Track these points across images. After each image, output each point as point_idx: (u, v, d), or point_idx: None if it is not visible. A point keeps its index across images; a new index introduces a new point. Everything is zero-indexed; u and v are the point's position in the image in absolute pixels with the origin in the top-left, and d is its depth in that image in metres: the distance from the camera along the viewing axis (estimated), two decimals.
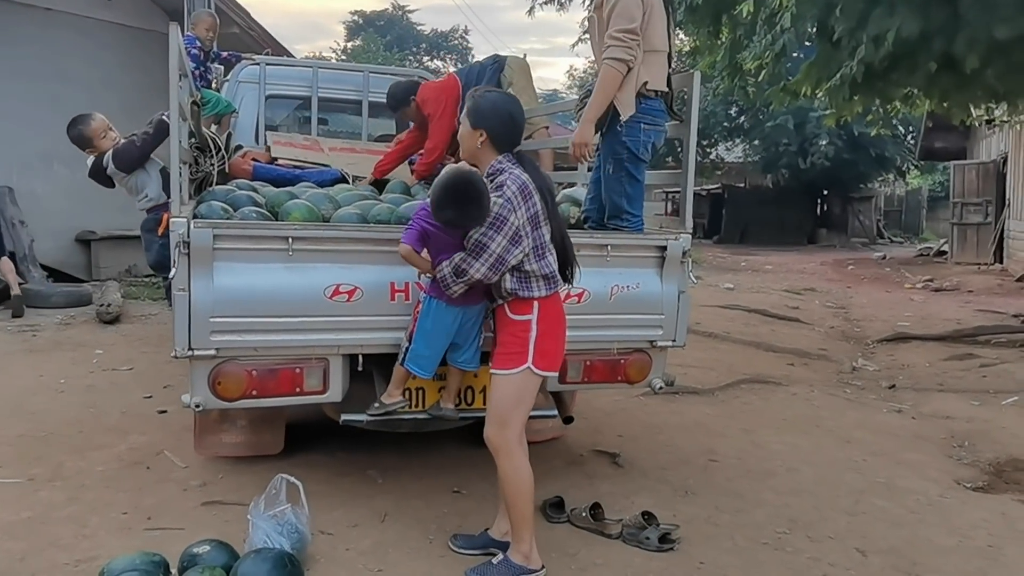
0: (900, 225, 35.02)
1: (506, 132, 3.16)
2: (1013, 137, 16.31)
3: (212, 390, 3.25)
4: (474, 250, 2.99)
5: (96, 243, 10.05)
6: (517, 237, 2.99)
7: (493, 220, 2.96)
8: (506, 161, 3.12)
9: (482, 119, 3.13)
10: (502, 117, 3.15)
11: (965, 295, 13.49)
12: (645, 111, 3.78)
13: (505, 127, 3.15)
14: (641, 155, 3.82)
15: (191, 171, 4.45)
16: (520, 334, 3.07)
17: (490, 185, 3.05)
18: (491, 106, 3.16)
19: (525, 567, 3.06)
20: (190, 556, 2.90)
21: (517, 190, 3.00)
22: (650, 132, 3.83)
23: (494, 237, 2.96)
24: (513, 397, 3.08)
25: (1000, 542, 3.64)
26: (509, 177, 3.03)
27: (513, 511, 3.10)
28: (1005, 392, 6.44)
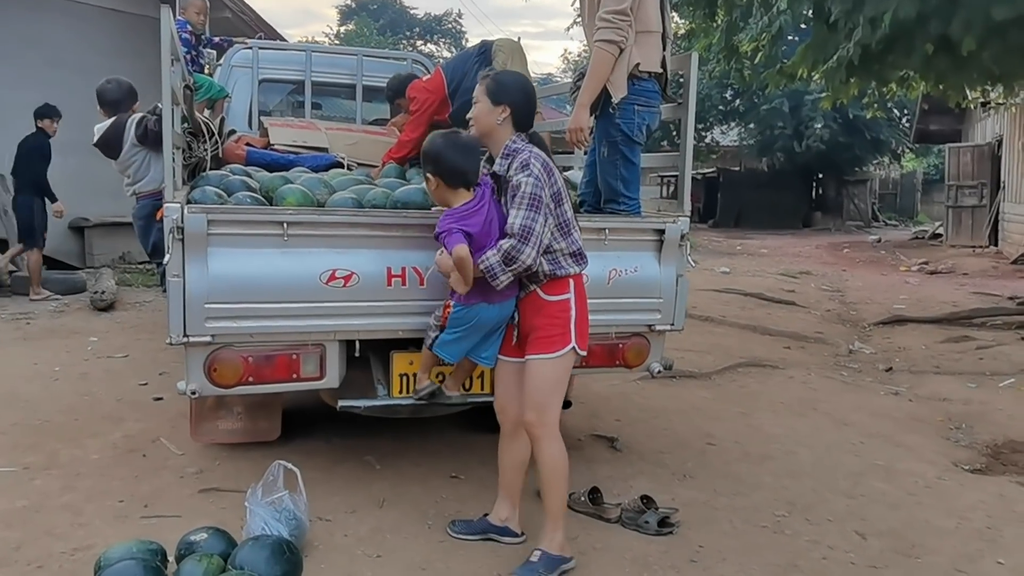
0: (895, 208, 35.06)
1: (527, 110, 3.13)
2: (1008, 119, 16.30)
3: (208, 377, 3.22)
4: (522, 235, 2.90)
5: (90, 230, 10.00)
6: (548, 215, 2.97)
7: (531, 201, 2.92)
8: (520, 141, 3.09)
9: (506, 94, 3.08)
10: (527, 94, 3.14)
11: (960, 278, 13.51)
12: (639, 92, 3.74)
13: (528, 104, 3.14)
14: (636, 137, 3.79)
15: (184, 156, 4.41)
16: (560, 315, 3.04)
17: (507, 164, 3.03)
18: (515, 82, 3.16)
19: (563, 556, 3.04)
20: (187, 544, 2.89)
21: (542, 167, 2.98)
22: (644, 114, 3.79)
23: (536, 218, 2.92)
24: (553, 380, 3.05)
25: (998, 524, 3.65)
26: (532, 156, 3.00)
27: (552, 499, 3.07)
28: (1002, 374, 6.45)
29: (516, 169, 2.99)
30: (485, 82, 3.14)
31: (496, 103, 3.08)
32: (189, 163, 4.56)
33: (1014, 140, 16.17)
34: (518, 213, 2.92)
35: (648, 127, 3.85)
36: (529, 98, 3.16)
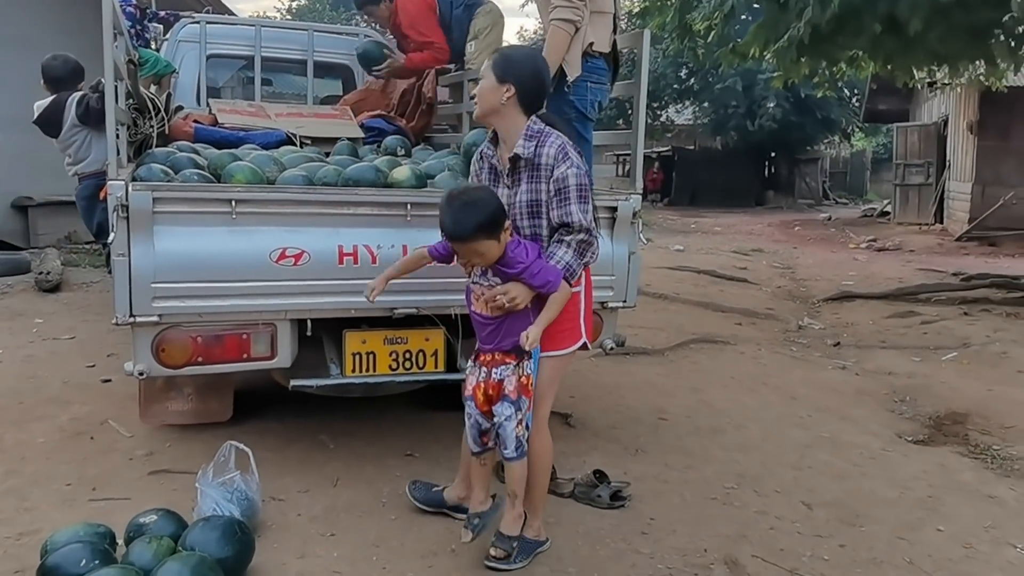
0: (845, 186, 35.67)
1: (537, 90, 2.96)
2: (954, 100, 16.65)
3: (156, 357, 3.18)
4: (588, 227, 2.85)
5: (33, 209, 9.73)
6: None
7: (580, 191, 2.83)
8: (540, 123, 2.92)
9: (512, 72, 2.89)
10: (536, 72, 2.96)
11: (907, 254, 13.82)
12: (591, 70, 3.77)
13: (538, 84, 2.96)
14: (589, 114, 3.82)
15: (129, 133, 4.32)
16: (571, 308, 2.95)
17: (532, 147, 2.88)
18: (524, 59, 2.98)
19: (538, 540, 3.06)
20: (137, 526, 2.85)
21: (575, 153, 2.87)
22: (596, 90, 3.83)
23: (590, 208, 2.87)
24: (556, 375, 3.04)
25: (939, 493, 3.76)
26: (567, 143, 2.88)
27: (534, 489, 3.04)
28: (945, 348, 6.62)
29: (555, 159, 2.84)
30: (493, 57, 2.99)
31: (501, 81, 2.89)
32: (135, 140, 4.46)
33: (959, 120, 16.52)
34: (573, 207, 2.82)
35: (600, 104, 3.87)
36: (539, 77, 2.97)
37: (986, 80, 11.11)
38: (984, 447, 4.38)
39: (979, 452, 4.32)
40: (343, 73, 6.68)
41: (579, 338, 3.01)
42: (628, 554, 3.08)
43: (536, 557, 3.01)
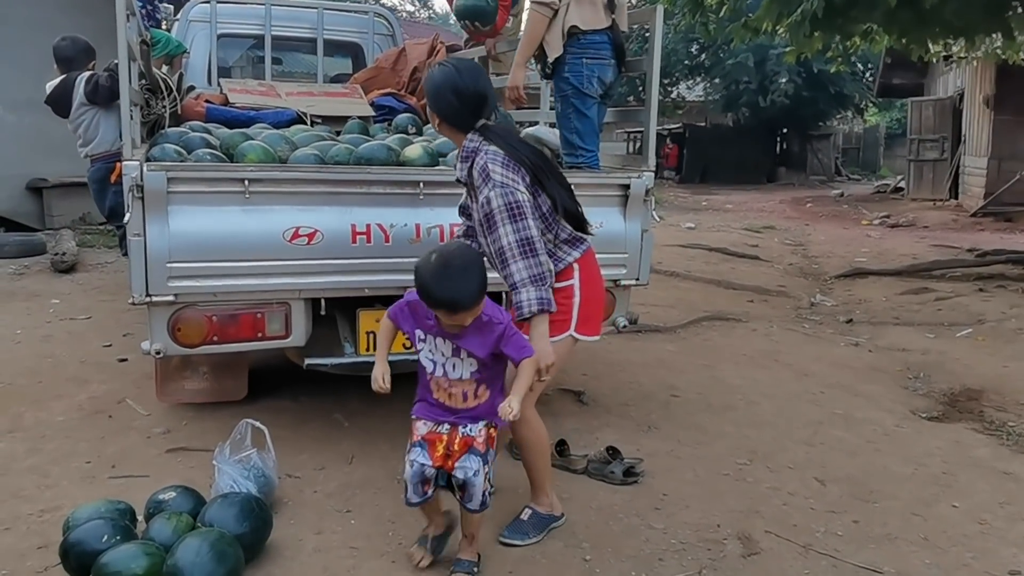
0: (858, 162, 35.35)
1: (456, 113, 2.84)
2: (970, 73, 16.43)
3: (172, 336, 3.21)
4: (524, 251, 2.70)
5: (48, 191, 9.77)
6: (534, 211, 2.76)
7: (509, 211, 2.68)
8: (476, 139, 2.83)
9: (431, 102, 2.88)
10: (446, 99, 2.82)
11: (921, 231, 13.73)
12: (586, 45, 3.78)
13: (453, 108, 2.83)
14: (586, 89, 3.81)
15: (142, 113, 4.33)
16: (563, 302, 2.90)
17: (466, 168, 2.84)
18: (433, 88, 2.85)
19: (552, 515, 3.08)
20: (156, 503, 2.90)
21: (503, 168, 2.73)
22: (593, 66, 3.82)
23: (525, 224, 2.69)
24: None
25: (954, 469, 3.76)
26: (488, 158, 2.75)
27: (534, 471, 3.08)
28: (959, 324, 6.59)
29: (478, 179, 2.76)
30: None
31: (431, 109, 2.91)
32: (147, 120, 4.48)
33: (975, 94, 16.33)
34: (503, 231, 2.70)
35: (601, 79, 3.85)
36: (451, 99, 2.81)
37: (1003, 53, 10.95)
38: (999, 423, 4.37)
39: (994, 428, 4.31)
40: (353, 51, 6.67)
41: (565, 330, 2.91)
42: (641, 529, 3.10)
43: (551, 532, 3.03)
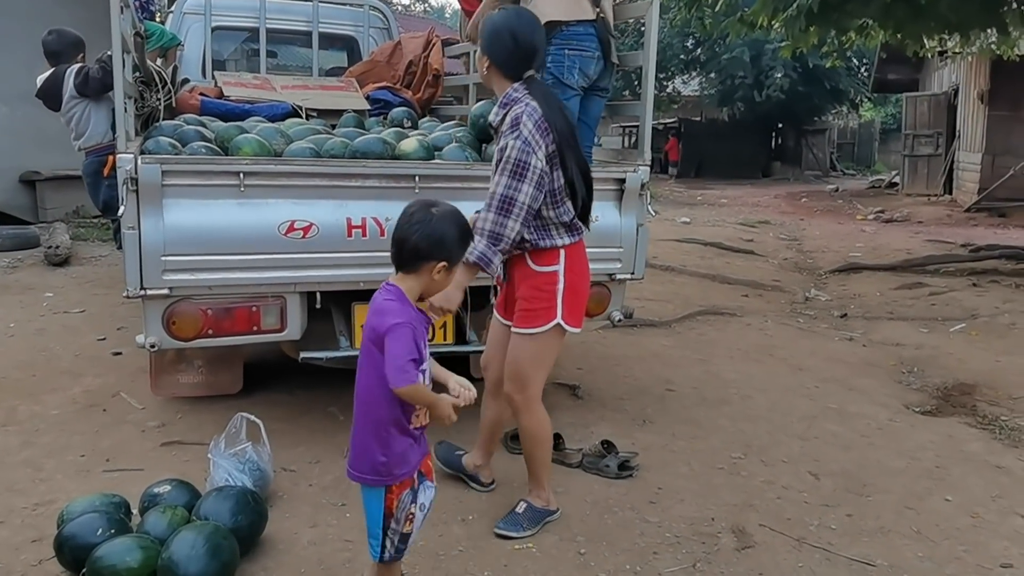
0: (853, 157, 35.43)
1: (508, 57, 2.86)
2: (965, 69, 16.47)
3: (167, 330, 3.20)
4: (502, 207, 2.72)
5: (41, 184, 9.73)
6: (542, 181, 2.76)
7: (515, 167, 2.70)
8: (521, 90, 2.83)
9: (485, 44, 2.89)
10: (502, 41, 2.86)
11: (915, 226, 13.76)
12: (569, 37, 3.75)
13: (507, 52, 2.85)
14: (566, 80, 3.78)
15: (137, 106, 4.31)
16: (546, 287, 2.88)
17: (502, 115, 2.84)
18: (491, 29, 2.89)
19: (547, 509, 3.06)
20: (151, 496, 2.89)
21: (534, 127, 2.73)
22: (575, 58, 3.77)
23: (520, 187, 2.71)
24: (532, 356, 2.93)
25: (947, 463, 3.78)
26: (525, 112, 2.74)
27: (532, 462, 3.07)
28: (953, 319, 6.62)
29: (507, 127, 2.77)
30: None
31: (482, 52, 2.91)
32: (142, 113, 4.46)
33: (970, 89, 16.36)
34: (500, 180, 2.73)
35: (583, 71, 3.81)
36: (508, 43, 2.84)
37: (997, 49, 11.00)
38: (992, 418, 4.39)
39: (987, 423, 4.33)
40: (348, 45, 6.65)
41: (551, 319, 2.88)
42: (636, 522, 3.11)
43: (545, 525, 3.04)
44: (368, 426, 2.20)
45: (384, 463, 2.19)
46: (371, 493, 2.24)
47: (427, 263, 2.19)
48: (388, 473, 2.21)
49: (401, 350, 2.12)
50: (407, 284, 2.22)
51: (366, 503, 2.27)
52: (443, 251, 2.20)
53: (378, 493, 2.23)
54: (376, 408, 2.19)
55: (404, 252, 2.20)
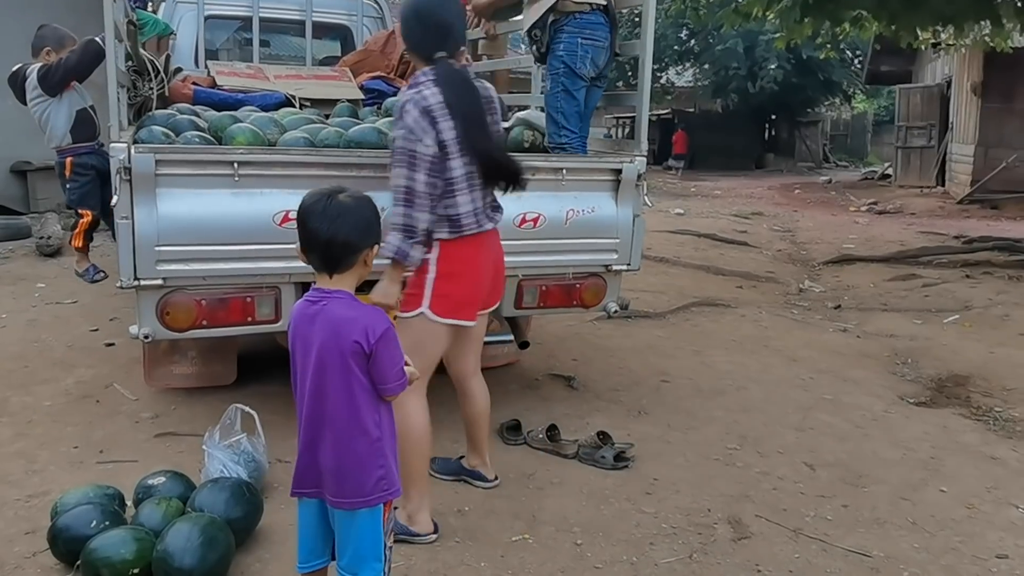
0: (846, 149, 35.48)
1: (419, 40, 2.82)
2: (958, 61, 16.48)
3: (160, 321, 3.18)
4: (406, 198, 2.67)
5: (33, 174, 9.67)
6: (433, 167, 2.69)
7: (402, 156, 2.67)
8: (425, 76, 2.75)
9: (400, 28, 2.90)
10: (409, 23, 2.83)
11: (908, 217, 13.79)
12: (583, 25, 3.74)
13: (415, 34, 2.82)
14: (578, 70, 3.78)
15: (129, 96, 4.28)
16: (418, 275, 2.81)
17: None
18: (402, 13, 2.86)
19: (407, 528, 2.81)
20: (145, 488, 2.88)
21: (419, 115, 2.67)
22: (588, 47, 3.77)
23: (414, 176, 2.66)
24: (407, 343, 2.57)
25: (941, 454, 3.78)
26: (412, 99, 2.69)
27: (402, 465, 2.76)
28: (946, 311, 6.63)
29: (396, 114, 2.76)
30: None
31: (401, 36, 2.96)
32: (134, 103, 4.43)
33: (963, 81, 16.38)
34: (395, 172, 2.69)
35: (595, 61, 3.81)
36: (415, 25, 2.80)
37: (991, 41, 11.00)
38: (986, 409, 4.40)
39: (981, 414, 4.34)
40: (342, 34, 6.61)
41: (417, 307, 2.79)
42: (632, 513, 3.11)
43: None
44: (355, 447, 2.08)
45: (382, 476, 2.10)
46: (367, 515, 2.11)
47: (361, 254, 2.09)
48: (390, 484, 2.13)
49: (399, 354, 2.09)
50: (347, 283, 2.11)
51: (361, 527, 2.11)
52: (372, 234, 2.12)
53: (375, 512, 2.13)
54: (360, 425, 2.07)
55: (335, 250, 2.06)
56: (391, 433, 2.16)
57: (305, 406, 2.11)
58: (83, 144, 4.53)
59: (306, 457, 2.13)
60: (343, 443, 2.08)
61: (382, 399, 2.11)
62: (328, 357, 2.04)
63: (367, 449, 2.08)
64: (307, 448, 2.13)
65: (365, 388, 2.06)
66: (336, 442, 2.08)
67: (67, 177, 4.54)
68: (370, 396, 2.07)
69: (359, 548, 2.12)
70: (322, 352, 2.05)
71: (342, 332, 2.02)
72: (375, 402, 2.09)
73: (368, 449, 2.09)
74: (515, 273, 3.58)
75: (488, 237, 2.93)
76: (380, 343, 2.03)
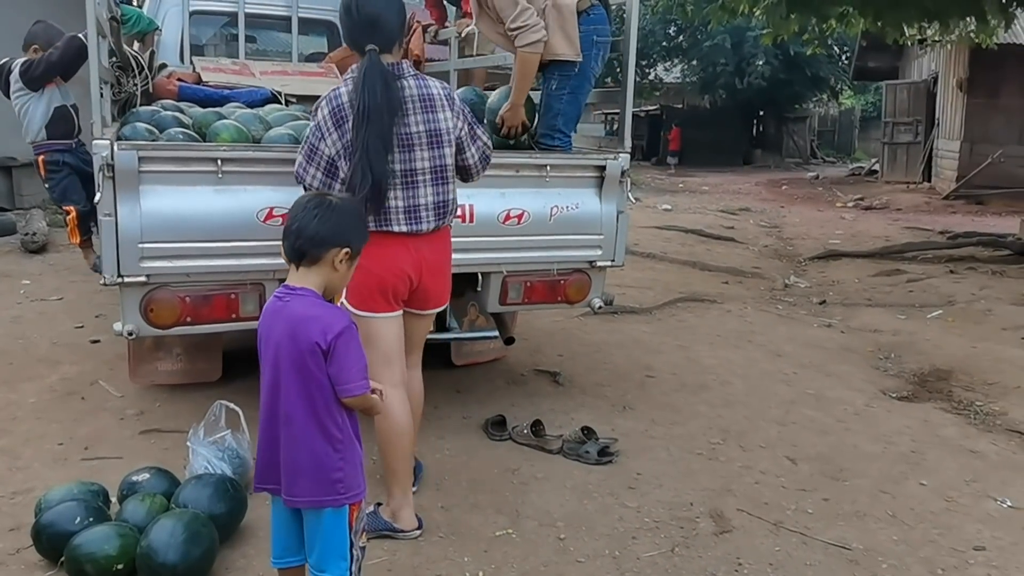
0: (833, 145, 35.64)
1: (349, 31, 2.83)
2: (944, 57, 16.58)
3: (145, 317, 3.17)
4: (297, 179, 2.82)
5: (17, 170, 9.61)
6: (331, 168, 2.72)
7: (308, 148, 2.76)
8: (351, 73, 2.76)
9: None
10: (341, 16, 2.85)
11: (894, 213, 13.87)
12: (594, 21, 3.68)
13: (345, 26, 2.85)
14: (591, 70, 3.74)
15: (113, 92, 4.26)
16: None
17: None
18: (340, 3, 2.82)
19: (391, 524, 2.85)
20: (130, 484, 2.88)
21: (329, 113, 2.70)
22: (601, 45, 3.73)
23: (309, 169, 2.75)
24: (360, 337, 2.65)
25: (922, 448, 3.82)
26: (328, 96, 2.75)
27: (385, 463, 2.91)
28: (930, 306, 6.69)
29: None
30: None
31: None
32: (118, 99, 4.40)
33: (948, 77, 16.48)
34: (297, 161, 2.80)
35: (603, 59, 3.78)
36: (350, 11, 2.76)
37: (976, 37, 11.06)
38: (967, 403, 4.45)
39: (962, 408, 4.39)
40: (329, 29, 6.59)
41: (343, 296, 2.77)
42: (615, 508, 3.13)
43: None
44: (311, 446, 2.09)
45: (340, 479, 2.10)
46: (332, 515, 2.13)
47: (329, 251, 2.11)
48: (348, 488, 2.12)
49: (358, 354, 2.09)
50: (312, 280, 2.12)
51: (327, 527, 2.12)
52: (344, 235, 2.14)
53: (341, 512, 2.13)
54: (318, 425, 2.08)
55: (303, 239, 2.09)
56: (353, 435, 2.16)
57: (264, 403, 2.14)
58: (58, 141, 4.52)
59: (266, 454, 2.16)
60: (298, 442, 2.09)
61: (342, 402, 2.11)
62: (285, 355, 2.06)
63: (324, 450, 2.09)
64: (267, 445, 2.16)
65: (322, 388, 2.06)
66: (291, 440, 2.09)
67: (43, 176, 4.54)
68: (329, 397, 2.08)
69: (325, 547, 2.14)
70: (279, 349, 2.08)
71: (300, 330, 2.04)
72: (335, 403, 2.09)
73: (325, 450, 2.09)
74: (500, 269, 3.60)
75: (417, 239, 2.81)
76: (338, 340, 2.04)
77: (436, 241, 2.89)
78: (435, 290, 2.96)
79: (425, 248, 2.84)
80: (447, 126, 2.84)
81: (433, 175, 2.81)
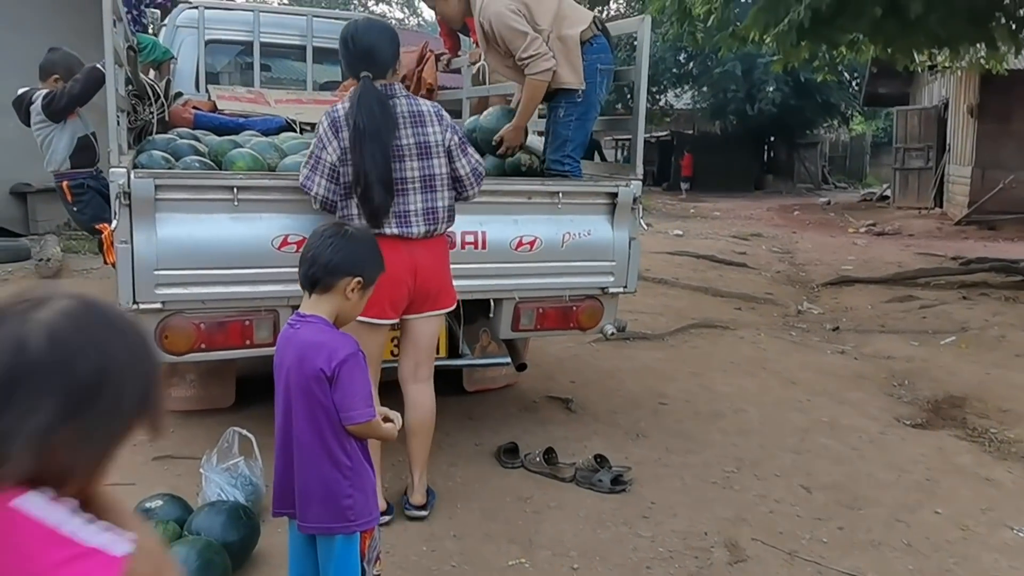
0: (844, 171, 35.61)
1: (346, 62, 3.08)
2: (954, 83, 16.60)
3: (159, 344, 3.18)
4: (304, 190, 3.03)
5: (32, 196, 9.71)
6: (334, 174, 2.95)
7: (309, 159, 3.01)
8: (349, 93, 3.03)
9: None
10: (340, 48, 3.07)
11: (906, 239, 13.82)
12: (597, 50, 3.75)
13: (343, 58, 3.08)
14: (597, 97, 3.81)
15: (129, 120, 4.32)
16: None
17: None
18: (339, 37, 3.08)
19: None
20: (143, 511, 2.88)
21: (329, 125, 2.96)
22: (606, 73, 3.82)
23: (314, 177, 2.98)
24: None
25: (936, 475, 3.79)
26: (328, 112, 3.00)
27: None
28: (944, 332, 6.64)
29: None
30: None
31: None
32: (135, 127, 4.46)
33: (959, 103, 16.48)
34: (302, 172, 3.03)
35: (608, 85, 3.86)
36: (347, 45, 3.03)
37: (987, 63, 11.07)
38: (982, 430, 4.41)
39: (977, 435, 4.35)
40: None
41: None
42: (629, 537, 3.11)
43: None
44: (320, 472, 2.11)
45: (350, 506, 2.11)
46: (343, 541, 2.13)
47: (341, 279, 2.15)
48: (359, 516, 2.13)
49: (362, 381, 2.11)
50: (323, 308, 2.16)
51: (338, 553, 2.13)
52: (357, 265, 2.18)
53: (352, 539, 2.14)
54: (325, 451, 2.10)
55: (316, 267, 2.14)
56: (364, 461, 2.18)
57: (279, 429, 2.18)
58: (81, 170, 4.58)
59: (283, 479, 2.19)
60: (309, 468, 2.12)
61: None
62: (294, 381, 2.10)
63: (333, 476, 2.11)
64: (283, 471, 2.19)
65: (329, 414, 2.08)
66: (303, 466, 2.12)
67: (70, 201, 4.59)
68: (336, 423, 2.10)
69: (337, 574, 2.14)
70: (289, 376, 2.12)
71: (307, 357, 2.08)
72: (342, 430, 2.11)
73: (334, 476, 2.11)
74: (512, 296, 3.61)
75: (410, 243, 3.01)
76: (342, 367, 2.06)
77: (430, 246, 3.08)
78: (435, 290, 3.10)
79: (418, 251, 3.03)
80: (436, 139, 3.05)
81: (423, 183, 3.02)
